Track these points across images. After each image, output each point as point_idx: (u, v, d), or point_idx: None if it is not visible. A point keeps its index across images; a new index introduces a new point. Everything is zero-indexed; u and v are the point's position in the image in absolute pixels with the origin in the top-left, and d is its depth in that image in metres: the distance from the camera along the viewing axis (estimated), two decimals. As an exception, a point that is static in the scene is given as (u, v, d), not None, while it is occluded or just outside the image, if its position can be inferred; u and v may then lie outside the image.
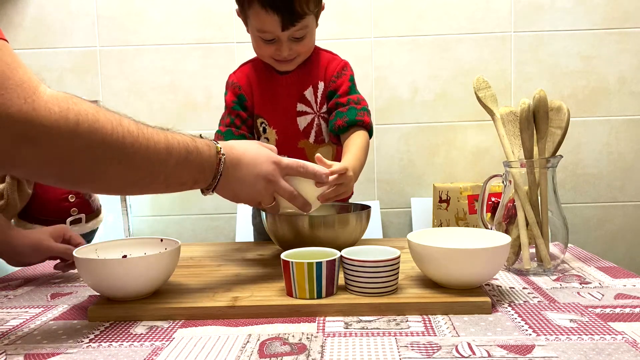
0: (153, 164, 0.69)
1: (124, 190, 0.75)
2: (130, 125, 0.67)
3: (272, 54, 1.10)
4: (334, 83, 1.15)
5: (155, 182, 0.72)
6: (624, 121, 1.88)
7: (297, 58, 1.12)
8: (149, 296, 0.78)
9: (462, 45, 1.86)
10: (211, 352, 0.63)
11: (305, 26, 1.07)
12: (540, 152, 0.92)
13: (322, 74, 1.16)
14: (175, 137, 0.73)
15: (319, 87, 1.15)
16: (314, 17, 1.10)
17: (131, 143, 0.66)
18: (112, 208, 1.76)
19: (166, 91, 1.90)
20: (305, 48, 1.12)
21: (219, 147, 0.78)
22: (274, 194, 0.85)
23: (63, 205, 1.44)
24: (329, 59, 1.18)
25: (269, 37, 1.07)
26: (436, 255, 0.76)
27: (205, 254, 1.08)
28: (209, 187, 0.80)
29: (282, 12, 1.01)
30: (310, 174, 0.85)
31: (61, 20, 1.87)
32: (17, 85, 0.56)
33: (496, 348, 0.61)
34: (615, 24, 1.84)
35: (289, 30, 1.05)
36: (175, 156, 0.72)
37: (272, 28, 1.04)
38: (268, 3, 1.01)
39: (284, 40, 1.07)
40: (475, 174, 1.89)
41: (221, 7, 1.86)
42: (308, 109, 1.16)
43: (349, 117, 1.11)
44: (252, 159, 0.81)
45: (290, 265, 0.75)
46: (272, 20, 1.03)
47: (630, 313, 0.72)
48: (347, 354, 0.61)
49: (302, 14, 1.03)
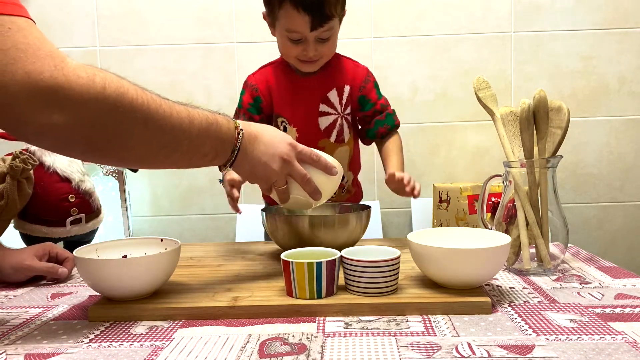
0: (176, 130, 0.71)
1: (149, 158, 0.74)
2: (153, 94, 0.70)
3: (298, 54, 1.17)
4: (364, 89, 1.24)
5: (179, 149, 0.73)
6: (624, 121, 1.88)
7: (320, 60, 1.19)
8: (149, 296, 0.78)
9: (462, 45, 1.86)
10: (211, 352, 0.63)
11: (331, 28, 1.14)
12: (540, 152, 0.92)
13: (348, 78, 1.24)
14: (195, 109, 0.76)
15: (344, 90, 1.23)
16: (338, 21, 1.18)
17: (155, 108, 0.68)
18: (112, 208, 1.76)
19: (166, 91, 1.87)
20: (329, 50, 1.19)
21: (238, 123, 0.80)
22: (287, 177, 0.84)
23: (63, 205, 1.44)
24: (353, 65, 1.27)
25: (296, 37, 1.14)
26: (436, 255, 0.76)
27: (205, 254, 1.08)
28: (227, 162, 0.80)
29: (312, 12, 1.09)
30: (322, 164, 0.85)
31: (61, 20, 1.87)
32: (47, 55, 0.60)
33: (496, 348, 0.61)
34: (615, 24, 1.84)
35: (317, 30, 1.12)
36: (197, 125, 0.74)
37: (302, 28, 1.12)
38: (300, 3, 1.09)
39: (310, 41, 1.14)
40: (475, 174, 1.89)
41: (221, 7, 1.86)
42: (331, 110, 1.23)
43: (389, 124, 1.25)
44: (270, 138, 0.82)
45: (290, 265, 0.75)
46: (302, 21, 1.10)
47: (630, 313, 0.72)
48: (347, 354, 0.61)
49: (330, 16, 1.11)
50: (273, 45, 1.87)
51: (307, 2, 1.09)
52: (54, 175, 1.45)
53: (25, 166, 1.32)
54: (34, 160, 1.36)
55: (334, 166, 0.86)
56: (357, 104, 1.25)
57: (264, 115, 1.24)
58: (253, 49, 1.86)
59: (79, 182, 1.46)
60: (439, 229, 0.90)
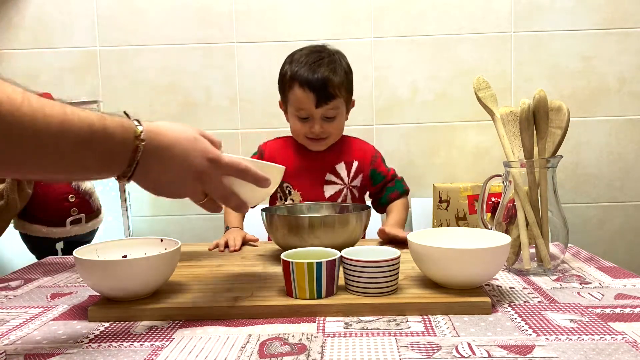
0: (40, 139, 0.57)
1: (9, 170, 0.61)
2: (15, 93, 0.56)
3: (307, 132, 1.29)
4: (375, 163, 1.36)
5: (47, 162, 0.60)
6: (624, 121, 1.88)
7: (328, 139, 1.31)
8: (149, 296, 0.78)
9: (462, 45, 1.86)
10: (211, 352, 0.63)
11: (336, 107, 1.28)
12: (540, 152, 0.92)
13: (356, 155, 1.36)
14: (77, 113, 0.61)
15: (353, 164, 1.35)
16: (344, 103, 1.30)
17: (9, 112, 0.54)
18: (112, 208, 1.76)
19: (166, 91, 1.90)
20: (336, 129, 1.31)
21: (139, 131, 0.66)
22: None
23: (63, 205, 1.44)
24: (360, 143, 1.40)
25: (304, 114, 1.28)
26: (436, 255, 0.76)
27: (205, 254, 1.08)
28: (123, 176, 0.67)
29: (317, 91, 1.24)
30: (251, 178, 0.74)
31: (61, 20, 1.87)
32: None
33: (496, 348, 0.61)
34: (615, 24, 1.84)
35: (322, 108, 1.26)
36: (73, 135, 0.60)
37: (308, 105, 1.26)
38: (306, 83, 1.25)
39: (317, 118, 1.27)
40: (475, 174, 1.90)
41: (221, 7, 1.86)
42: (338, 180, 1.34)
43: (399, 190, 1.35)
44: (183, 151, 0.69)
45: (290, 265, 0.75)
46: (308, 99, 1.25)
47: (630, 313, 0.72)
48: (347, 354, 0.61)
49: (333, 95, 1.25)
50: (273, 45, 1.88)
51: (312, 82, 1.24)
52: (54, 175, 1.45)
53: (25, 166, 1.32)
54: (34, 160, 1.36)
55: (265, 179, 0.75)
56: (369, 179, 1.36)
57: None
58: (253, 49, 1.86)
59: (79, 182, 1.47)
60: (439, 229, 0.90)
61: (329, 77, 1.25)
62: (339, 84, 1.27)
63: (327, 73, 1.25)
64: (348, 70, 1.33)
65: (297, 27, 1.86)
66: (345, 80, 1.30)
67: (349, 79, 1.32)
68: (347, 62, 1.35)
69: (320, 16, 1.86)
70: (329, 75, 1.25)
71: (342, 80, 1.28)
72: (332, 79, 1.25)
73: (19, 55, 1.88)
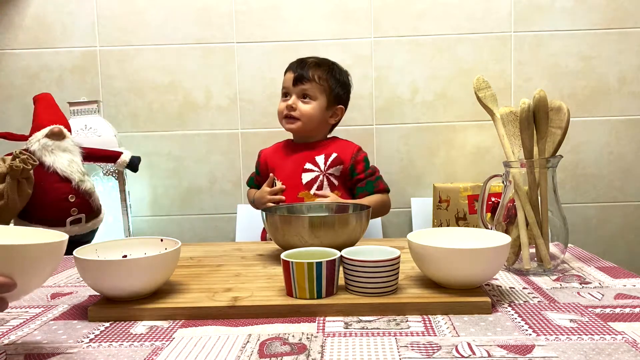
0: None
1: None
2: None
3: (284, 109, 1.47)
4: (355, 160, 1.48)
5: None
6: (624, 121, 1.88)
7: (299, 121, 1.46)
8: (149, 296, 0.78)
9: (462, 45, 1.86)
10: (211, 352, 0.63)
11: (312, 92, 1.46)
12: (540, 152, 0.92)
13: (337, 149, 1.49)
14: None
15: (331, 155, 1.47)
16: (323, 95, 1.47)
17: None
18: (112, 208, 1.76)
19: (166, 91, 1.90)
20: (307, 114, 1.46)
21: None
22: None
23: (63, 205, 1.45)
24: (346, 142, 1.54)
25: (284, 91, 1.49)
26: (436, 255, 0.76)
27: (205, 254, 1.08)
28: None
29: (295, 70, 1.47)
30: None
31: (61, 20, 1.87)
32: None
33: (496, 348, 0.61)
34: (615, 24, 1.84)
35: (298, 86, 1.45)
36: None
37: (288, 83, 1.47)
38: (290, 66, 1.51)
39: (293, 94, 1.47)
40: (475, 174, 1.90)
41: (221, 7, 1.86)
42: (315, 167, 1.47)
43: (368, 191, 1.47)
44: None
45: (290, 265, 0.75)
46: (289, 77, 1.48)
47: (630, 313, 0.72)
48: (347, 354, 0.61)
49: (309, 78, 1.45)
50: (273, 45, 1.88)
51: (294, 63, 1.49)
52: (54, 175, 1.45)
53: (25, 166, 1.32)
54: (34, 160, 1.37)
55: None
56: (348, 172, 1.49)
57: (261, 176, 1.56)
58: (253, 49, 1.86)
59: (79, 182, 1.47)
60: (439, 229, 0.90)
61: (310, 63, 1.46)
62: (319, 73, 1.45)
63: (311, 61, 1.47)
64: (339, 76, 1.50)
65: (297, 27, 1.86)
66: (329, 76, 1.47)
67: (336, 79, 1.48)
68: (345, 73, 1.54)
69: (320, 16, 1.86)
70: (311, 62, 1.47)
71: (324, 73, 1.46)
72: (312, 66, 1.46)
73: (19, 55, 1.88)
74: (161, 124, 1.91)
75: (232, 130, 1.90)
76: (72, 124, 1.64)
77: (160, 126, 1.91)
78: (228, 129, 1.90)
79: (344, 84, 1.52)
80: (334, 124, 1.55)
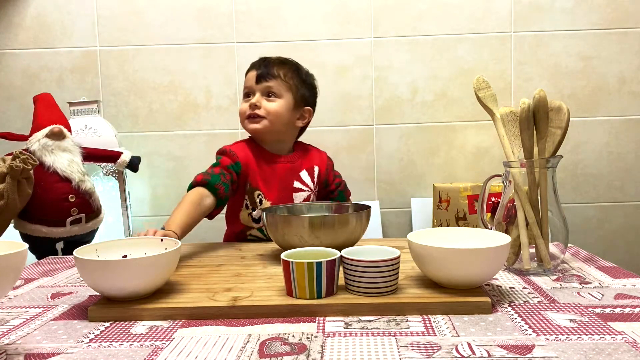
0: None
1: None
2: None
3: (246, 109, 1.31)
4: (327, 171, 1.41)
5: None
6: (624, 121, 1.88)
7: (263, 120, 1.30)
8: (149, 296, 0.78)
9: (462, 45, 1.86)
10: (211, 352, 0.63)
11: (277, 89, 1.31)
12: (540, 152, 0.92)
13: (315, 161, 1.39)
14: None
15: (314, 170, 1.38)
16: (289, 93, 1.32)
17: None
18: (112, 208, 1.76)
19: (166, 91, 1.90)
20: (272, 112, 1.30)
21: None
22: None
23: (63, 205, 1.44)
24: (315, 150, 1.43)
25: (246, 91, 1.34)
26: (436, 255, 0.76)
27: (205, 254, 1.08)
28: None
29: (258, 68, 1.33)
30: None
31: (61, 20, 1.87)
32: None
33: (496, 348, 0.61)
34: (615, 24, 1.84)
35: (261, 84, 1.31)
36: None
37: (250, 82, 1.33)
38: (252, 64, 1.36)
39: (256, 92, 1.31)
40: (475, 174, 1.90)
41: (221, 7, 1.86)
42: (304, 187, 1.35)
43: (340, 200, 1.40)
44: None
45: (290, 265, 0.75)
46: (252, 76, 1.33)
47: (630, 313, 0.72)
48: (347, 354, 0.61)
49: (273, 75, 1.31)
50: (273, 45, 1.88)
51: (256, 62, 1.35)
52: (54, 175, 1.45)
53: (25, 166, 1.32)
54: (34, 160, 1.37)
55: None
56: (322, 184, 1.41)
57: (238, 182, 1.27)
58: (253, 49, 1.86)
59: (79, 182, 1.47)
60: (439, 229, 0.90)
61: (274, 61, 1.34)
62: (284, 71, 1.32)
63: (275, 59, 1.35)
64: (305, 77, 1.36)
65: (297, 27, 1.86)
66: (295, 75, 1.33)
67: (302, 79, 1.35)
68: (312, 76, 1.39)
69: (320, 16, 1.86)
70: (275, 60, 1.34)
71: (289, 71, 1.33)
72: (277, 63, 1.33)
73: (19, 55, 1.88)
74: (161, 124, 1.91)
75: (232, 130, 1.90)
76: (72, 124, 1.64)
77: (160, 126, 1.91)
78: (228, 129, 1.90)
79: (311, 86, 1.38)
80: (302, 127, 1.38)
